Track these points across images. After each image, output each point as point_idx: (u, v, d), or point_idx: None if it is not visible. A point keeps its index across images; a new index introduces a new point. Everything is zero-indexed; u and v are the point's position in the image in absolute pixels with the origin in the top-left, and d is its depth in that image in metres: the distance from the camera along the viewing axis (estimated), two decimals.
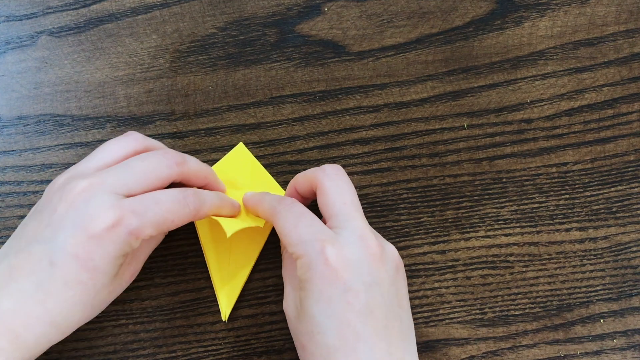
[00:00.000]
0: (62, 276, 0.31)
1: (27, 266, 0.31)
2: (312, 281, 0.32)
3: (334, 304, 0.32)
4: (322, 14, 0.43)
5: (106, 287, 0.33)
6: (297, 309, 0.34)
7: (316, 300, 0.32)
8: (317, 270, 0.32)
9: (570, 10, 0.44)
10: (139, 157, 0.34)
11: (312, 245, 0.32)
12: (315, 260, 0.32)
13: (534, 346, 0.40)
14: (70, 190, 0.32)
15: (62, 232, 0.31)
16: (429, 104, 0.43)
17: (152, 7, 0.43)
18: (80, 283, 0.32)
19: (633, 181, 0.42)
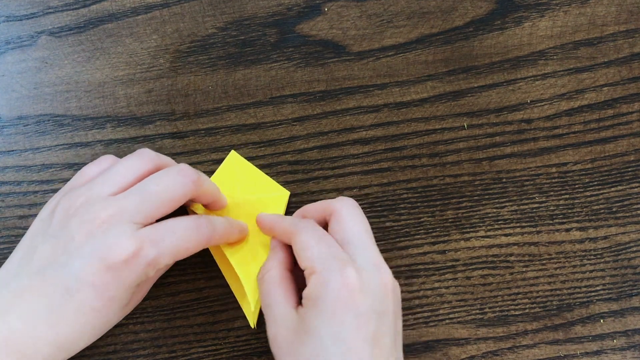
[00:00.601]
0: (77, 303, 0.32)
1: (41, 290, 0.32)
2: (325, 299, 0.31)
3: (345, 327, 0.31)
4: (322, 14, 0.43)
5: (117, 313, 0.34)
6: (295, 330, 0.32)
7: (327, 320, 0.31)
8: (334, 289, 0.31)
9: (570, 10, 0.44)
10: (154, 179, 0.33)
11: (332, 262, 0.32)
12: (333, 278, 0.31)
13: (534, 346, 0.40)
14: (89, 220, 0.32)
15: (79, 260, 0.31)
16: (429, 104, 0.43)
17: (152, 7, 0.43)
18: (93, 310, 0.32)
19: (633, 181, 0.42)
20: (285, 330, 0.32)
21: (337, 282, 0.31)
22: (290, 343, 0.32)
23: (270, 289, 0.34)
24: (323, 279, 0.32)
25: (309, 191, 0.41)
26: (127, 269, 0.31)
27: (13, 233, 0.40)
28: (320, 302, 0.31)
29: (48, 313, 0.31)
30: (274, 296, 0.33)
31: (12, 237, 0.40)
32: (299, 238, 0.34)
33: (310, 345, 0.31)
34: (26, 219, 0.40)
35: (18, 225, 0.40)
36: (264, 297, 0.34)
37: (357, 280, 0.32)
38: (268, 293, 0.34)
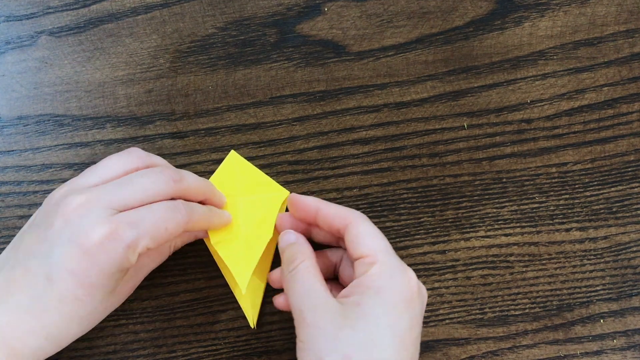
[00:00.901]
0: (59, 292, 0.31)
1: (24, 281, 0.32)
2: (391, 291, 0.31)
3: (402, 324, 0.31)
4: (322, 14, 0.43)
5: (103, 303, 0.33)
6: (343, 315, 0.31)
7: (389, 311, 0.31)
8: (400, 284, 0.32)
9: (570, 10, 0.44)
10: (137, 174, 0.34)
11: (395, 259, 0.33)
12: (399, 274, 0.32)
13: (534, 346, 0.40)
14: (66, 205, 0.32)
15: (58, 247, 0.31)
16: (429, 104, 0.43)
17: (152, 7, 0.43)
18: (76, 299, 0.32)
19: (633, 181, 0.42)
20: (331, 316, 0.31)
21: (402, 279, 0.32)
22: (338, 328, 0.31)
23: (308, 278, 0.33)
24: (389, 270, 0.32)
25: (309, 191, 0.41)
26: (103, 252, 0.31)
27: (13, 233, 0.40)
28: (384, 291, 0.31)
29: (32, 304, 0.31)
30: (312, 284, 0.33)
31: (12, 237, 0.40)
32: (362, 226, 0.34)
33: (365, 332, 0.30)
34: (26, 219, 0.40)
35: (18, 225, 0.40)
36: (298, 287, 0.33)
37: (416, 284, 0.33)
38: (304, 282, 0.33)
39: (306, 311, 0.32)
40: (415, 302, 0.32)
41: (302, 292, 0.33)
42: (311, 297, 0.32)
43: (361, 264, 0.33)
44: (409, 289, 0.32)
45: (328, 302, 0.32)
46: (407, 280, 0.32)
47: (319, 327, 0.31)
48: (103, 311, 0.34)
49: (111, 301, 0.34)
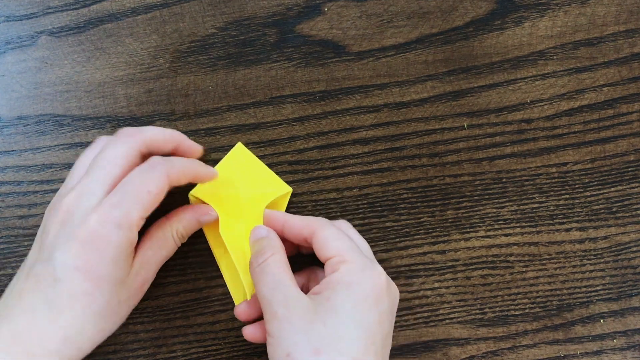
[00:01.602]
0: (68, 290, 0.32)
1: (34, 287, 0.32)
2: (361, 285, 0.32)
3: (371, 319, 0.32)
4: (322, 14, 0.43)
5: (114, 295, 0.33)
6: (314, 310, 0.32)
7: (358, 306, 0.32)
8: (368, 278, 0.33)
9: (570, 10, 0.44)
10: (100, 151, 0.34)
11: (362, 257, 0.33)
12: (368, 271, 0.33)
13: (534, 346, 0.40)
14: (57, 210, 0.33)
15: (58, 249, 0.32)
16: (429, 104, 0.43)
17: (152, 7, 0.43)
18: (86, 294, 0.32)
19: (633, 181, 0.42)
20: (302, 310, 0.32)
21: (372, 274, 0.33)
22: (308, 322, 0.31)
23: (278, 272, 0.33)
24: (358, 267, 0.33)
25: (309, 191, 0.41)
26: (99, 239, 0.31)
27: (13, 233, 0.40)
28: (353, 286, 0.32)
29: (45, 307, 0.31)
30: (282, 278, 0.33)
31: (12, 237, 0.40)
32: (324, 231, 0.34)
33: (335, 326, 0.31)
34: (26, 219, 0.40)
35: (18, 225, 0.40)
36: (269, 279, 0.33)
37: (385, 280, 0.33)
38: (274, 275, 0.33)
39: (276, 304, 0.32)
40: (384, 298, 0.33)
41: (272, 285, 0.33)
42: (282, 291, 0.32)
43: (330, 263, 0.33)
44: (378, 285, 0.33)
45: (299, 296, 0.32)
46: (376, 275, 0.33)
47: (290, 321, 0.31)
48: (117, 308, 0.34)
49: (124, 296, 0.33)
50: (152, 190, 0.32)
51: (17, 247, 0.40)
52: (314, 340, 0.31)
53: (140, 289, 0.35)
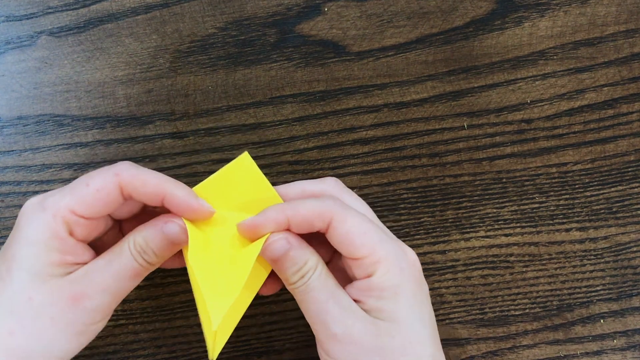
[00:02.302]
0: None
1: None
2: (406, 287, 0.29)
3: (425, 309, 0.30)
4: (322, 14, 0.43)
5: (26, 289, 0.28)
6: (374, 323, 0.29)
7: (413, 306, 0.29)
8: (409, 274, 0.30)
9: (570, 10, 0.44)
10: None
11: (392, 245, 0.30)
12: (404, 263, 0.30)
13: (534, 346, 0.40)
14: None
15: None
16: (429, 104, 0.43)
17: (152, 7, 0.43)
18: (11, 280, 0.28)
19: (633, 181, 0.42)
20: (364, 326, 0.29)
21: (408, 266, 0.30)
22: (375, 336, 0.28)
23: (326, 288, 0.29)
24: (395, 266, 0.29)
25: None
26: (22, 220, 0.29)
27: None
28: (401, 290, 0.29)
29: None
30: (333, 293, 0.29)
31: None
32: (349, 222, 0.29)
33: (403, 335, 0.29)
34: None
35: None
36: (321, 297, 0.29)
37: (417, 259, 0.31)
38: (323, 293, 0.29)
39: (334, 325, 0.29)
40: (422, 278, 0.31)
41: (324, 306, 0.29)
42: (336, 309, 0.29)
43: (362, 265, 0.30)
44: (415, 270, 0.30)
45: (357, 312, 0.29)
46: (412, 264, 0.30)
47: (354, 342, 0.28)
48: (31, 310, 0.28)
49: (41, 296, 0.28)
50: (91, 183, 0.29)
51: None
52: (388, 355, 0.28)
53: (73, 305, 0.29)
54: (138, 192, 0.30)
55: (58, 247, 0.29)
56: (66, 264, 0.29)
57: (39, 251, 0.29)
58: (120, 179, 0.29)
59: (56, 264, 0.29)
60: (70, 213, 0.29)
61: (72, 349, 0.30)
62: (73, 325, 0.29)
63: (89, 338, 0.30)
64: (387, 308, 0.29)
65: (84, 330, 0.30)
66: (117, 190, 0.30)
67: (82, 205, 0.29)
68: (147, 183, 0.30)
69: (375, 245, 0.29)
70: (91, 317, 0.29)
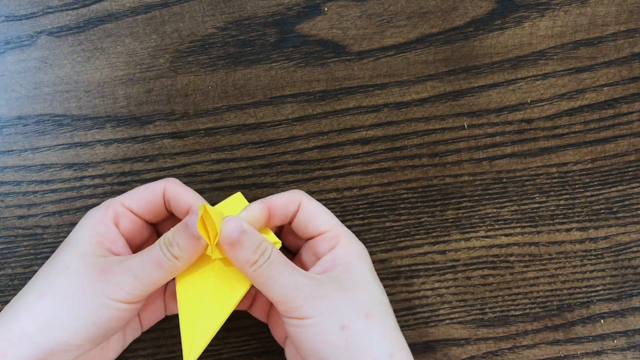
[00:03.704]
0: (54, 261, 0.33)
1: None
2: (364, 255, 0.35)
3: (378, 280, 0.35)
4: (322, 14, 0.43)
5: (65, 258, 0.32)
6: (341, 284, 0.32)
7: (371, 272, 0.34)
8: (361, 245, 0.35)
9: (570, 10, 0.44)
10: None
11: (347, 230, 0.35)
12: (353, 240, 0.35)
13: (534, 346, 0.40)
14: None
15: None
16: (429, 104, 0.43)
17: (152, 7, 0.43)
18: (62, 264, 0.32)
19: (633, 181, 0.42)
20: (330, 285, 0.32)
21: (359, 243, 0.35)
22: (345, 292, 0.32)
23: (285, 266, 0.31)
24: (352, 239, 0.35)
25: (309, 191, 0.41)
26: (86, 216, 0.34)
27: (12, 233, 0.40)
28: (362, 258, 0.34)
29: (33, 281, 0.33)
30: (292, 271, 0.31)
31: (11, 238, 0.40)
32: (311, 204, 0.35)
33: (370, 293, 0.33)
34: (26, 219, 0.40)
35: (18, 225, 0.40)
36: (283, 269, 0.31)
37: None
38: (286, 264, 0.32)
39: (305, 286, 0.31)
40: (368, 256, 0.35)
41: (289, 273, 0.31)
42: (303, 274, 0.32)
43: (326, 238, 0.34)
44: (364, 250, 0.35)
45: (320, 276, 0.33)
46: (361, 244, 0.35)
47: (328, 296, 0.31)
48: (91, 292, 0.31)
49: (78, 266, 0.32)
50: (143, 185, 0.35)
51: (16, 247, 0.40)
52: (360, 306, 0.32)
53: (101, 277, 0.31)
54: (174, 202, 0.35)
55: (102, 232, 0.33)
56: (104, 248, 0.33)
57: (86, 233, 0.33)
58: (166, 184, 0.35)
59: (94, 244, 0.33)
60: (120, 205, 0.34)
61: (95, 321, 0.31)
62: (97, 296, 0.31)
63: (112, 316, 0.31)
64: (354, 270, 0.33)
65: (107, 305, 0.31)
66: (161, 195, 0.35)
67: (131, 199, 0.35)
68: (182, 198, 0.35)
69: (334, 222, 0.35)
70: (114, 292, 0.31)
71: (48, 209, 0.40)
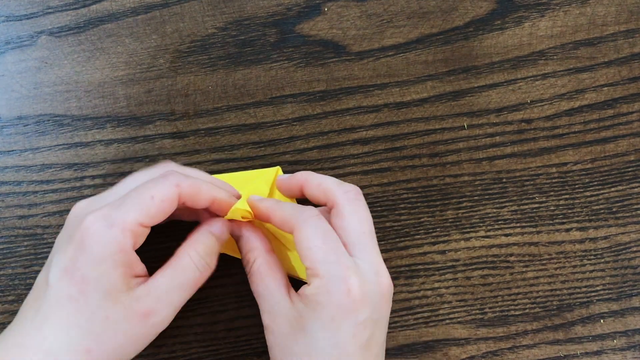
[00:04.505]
0: (55, 295, 0.30)
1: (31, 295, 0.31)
2: (327, 306, 0.31)
3: (341, 334, 0.31)
4: (322, 14, 0.43)
5: (101, 308, 0.30)
6: (290, 323, 0.32)
7: (323, 325, 0.31)
8: (336, 298, 0.31)
9: (570, 10, 0.44)
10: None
11: (336, 269, 0.31)
12: (337, 287, 0.31)
13: (534, 346, 0.40)
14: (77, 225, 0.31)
15: (57, 252, 0.31)
16: (429, 104, 0.43)
17: (152, 7, 0.43)
18: (70, 299, 0.29)
19: (633, 181, 0.42)
20: (282, 320, 0.32)
21: (340, 291, 0.31)
22: (285, 335, 0.32)
23: (261, 279, 0.33)
24: (326, 286, 0.31)
25: None
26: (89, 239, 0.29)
27: (13, 233, 0.40)
28: (320, 307, 0.31)
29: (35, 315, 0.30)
30: (265, 286, 0.33)
31: (11, 238, 0.40)
32: (303, 233, 0.32)
33: (305, 344, 0.31)
34: (26, 219, 0.40)
35: (18, 225, 0.40)
36: (255, 287, 0.33)
37: (359, 290, 0.31)
38: (258, 283, 0.33)
39: (262, 311, 0.33)
40: (359, 309, 0.31)
41: (257, 292, 0.33)
42: (266, 299, 0.33)
43: (308, 274, 0.32)
44: (349, 301, 0.31)
45: (281, 305, 0.32)
46: (345, 291, 0.31)
47: (272, 330, 0.32)
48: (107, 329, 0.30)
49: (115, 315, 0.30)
50: (156, 196, 0.30)
51: (16, 247, 0.40)
52: (289, 354, 0.32)
53: (143, 320, 0.30)
54: (193, 200, 0.32)
55: (123, 261, 0.30)
56: (129, 277, 0.30)
57: (108, 268, 0.29)
58: (180, 189, 0.31)
59: (122, 278, 0.30)
60: (138, 226, 0.30)
61: (133, 354, 0.31)
62: (143, 338, 0.31)
63: (146, 343, 0.32)
64: (305, 316, 0.32)
65: (149, 341, 0.32)
66: (177, 200, 0.31)
67: (148, 217, 0.30)
68: (201, 192, 0.32)
69: (319, 261, 0.31)
70: (157, 330, 0.31)
71: (48, 209, 0.40)
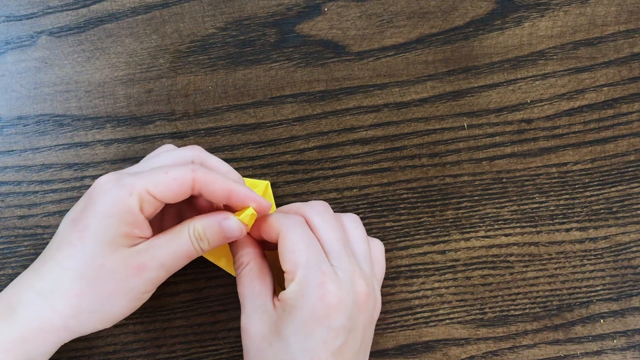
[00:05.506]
0: (58, 241, 0.32)
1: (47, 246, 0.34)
2: (300, 310, 0.32)
3: (313, 339, 0.31)
4: (322, 14, 0.43)
5: (98, 256, 0.31)
6: (270, 330, 0.32)
7: (297, 329, 0.32)
8: (310, 302, 0.32)
9: (570, 10, 0.44)
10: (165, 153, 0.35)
11: (314, 274, 0.32)
12: (312, 291, 0.32)
13: (534, 346, 0.40)
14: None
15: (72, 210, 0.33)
16: (429, 104, 0.43)
17: (152, 7, 0.43)
18: (69, 244, 0.31)
19: (633, 181, 0.42)
20: (261, 323, 0.33)
21: (315, 297, 0.32)
22: (261, 339, 0.33)
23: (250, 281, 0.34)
24: (302, 290, 0.32)
25: (309, 191, 0.41)
26: (101, 194, 0.31)
27: (13, 233, 0.40)
28: (294, 311, 0.32)
29: (37, 262, 0.33)
30: (252, 288, 0.34)
31: (11, 237, 0.40)
32: (287, 238, 0.33)
33: (278, 348, 0.32)
34: (26, 219, 0.40)
35: (18, 225, 0.40)
36: (242, 288, 0.34)
37: (335, 297, 0.32)
38: (246, 285, 0.34)
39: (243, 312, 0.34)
40: (332, 315, 0.32)
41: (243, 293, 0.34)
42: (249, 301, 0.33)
43: (286, 278, 0.33)
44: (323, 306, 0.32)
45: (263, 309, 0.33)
46: (319, 297, 0.32)
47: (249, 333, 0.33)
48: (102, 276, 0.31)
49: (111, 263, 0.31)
50: (170, 173, 0.32)
51: (17, 247, 0.40)
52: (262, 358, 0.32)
53: (137, 273, 0.32)
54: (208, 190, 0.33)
55: (129, 221, 0.31)
56: (133, 237, 0.32)
57: (113, 223, 0.31)
58: (195, 175, 0.32)
59: (125, 235, 0.31)
60: (146, 192, 0.31)
61: (123, 313, 0.33)
62: (132, 291, 0.32)
63: (137, 306, 0.33)
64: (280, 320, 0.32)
65: (138, 298, 0.33)
66: (190, 184, 0.32)
67: (157, 188, 0.32)
68: (216, 182, 0.33)
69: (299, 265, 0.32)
70: (146, 287, 0.32)
71: (48, 209, 0.40)
